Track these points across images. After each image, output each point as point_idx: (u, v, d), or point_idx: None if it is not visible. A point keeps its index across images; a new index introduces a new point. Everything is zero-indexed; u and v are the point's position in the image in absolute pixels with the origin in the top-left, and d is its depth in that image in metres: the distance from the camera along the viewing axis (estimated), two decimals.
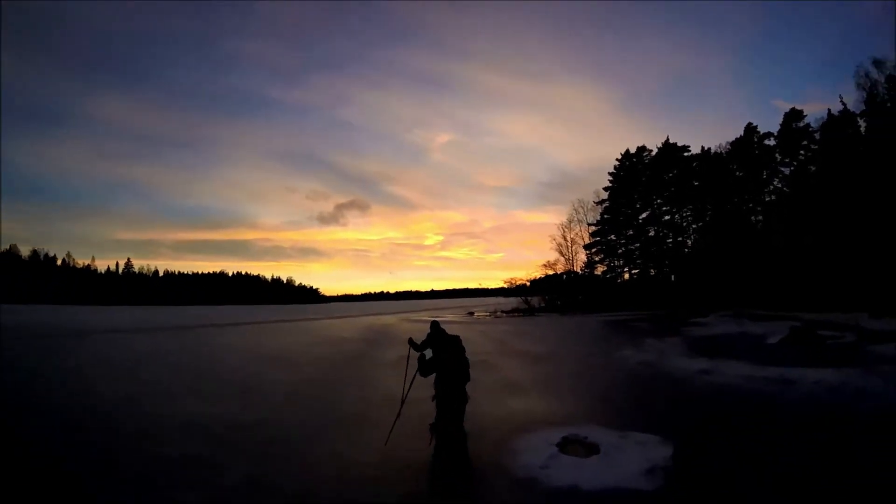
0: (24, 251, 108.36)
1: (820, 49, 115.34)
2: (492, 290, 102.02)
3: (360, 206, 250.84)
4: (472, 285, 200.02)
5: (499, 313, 48.72)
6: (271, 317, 52.03)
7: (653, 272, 49.01)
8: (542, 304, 50.94)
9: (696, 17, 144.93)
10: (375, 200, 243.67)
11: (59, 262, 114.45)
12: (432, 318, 10.28)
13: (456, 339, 6.82)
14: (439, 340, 6.81)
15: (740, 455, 5.76)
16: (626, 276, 51.43)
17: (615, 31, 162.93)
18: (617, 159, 52.92)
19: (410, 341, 6.78)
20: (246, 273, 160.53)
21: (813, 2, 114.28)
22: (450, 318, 42.26)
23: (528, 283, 54.67)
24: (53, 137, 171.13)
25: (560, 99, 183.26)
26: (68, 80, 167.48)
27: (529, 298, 52.52)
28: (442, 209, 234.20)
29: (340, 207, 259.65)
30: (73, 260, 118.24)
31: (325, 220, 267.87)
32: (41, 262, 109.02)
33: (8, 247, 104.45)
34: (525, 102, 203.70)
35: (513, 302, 56.10)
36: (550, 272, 52.99)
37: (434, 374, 6.25)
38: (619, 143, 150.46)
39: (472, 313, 51.99)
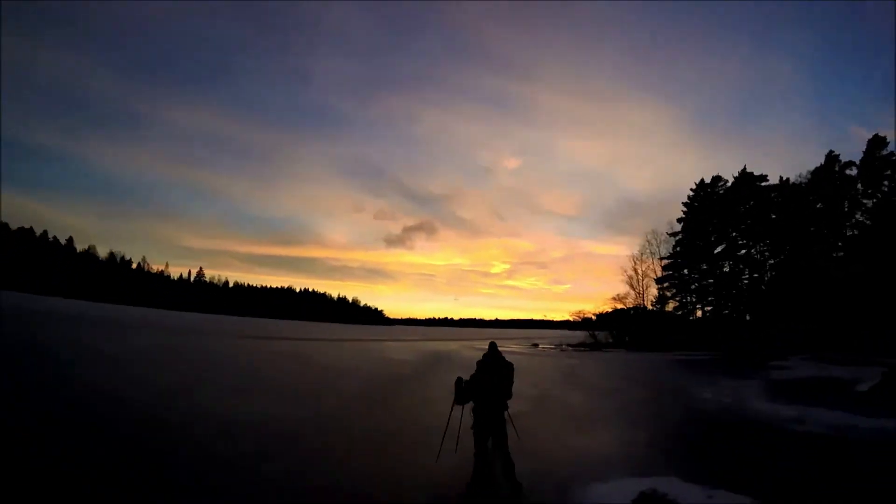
0: (102, 252, 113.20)
1: None
2: (557, 322, 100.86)
3: (427, 230, 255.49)
4: (538, 316, 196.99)
5: (564, 346, 48.39)
6: (336, 335, 53.47)
7: (727, 310, 46.98)
8: (610, 340, 50.00)
9: (769, 38, 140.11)
10: (443, 224, 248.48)
11: (133, 266, 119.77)
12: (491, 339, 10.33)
13: (509, 366, 7.05)
14: (492, 362, 6.95)
15: None
16: (699, 313, 49.62)
17: (686, 52, 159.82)
18: (691, 189, 51.60)
19: (458, 382, 6.27)
20: (313, 290, 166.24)
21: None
22: (513, 348, 42.12)
23: (593, 317, 53.90)
24: (133, 140, 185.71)
25: (629, 122, 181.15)
26: (150, 86, 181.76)
27: (596, 333, 51.67)
28: (509, 236, 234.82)
29: (408, 230, 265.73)
30: (148, 265, 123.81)
31: (393, 241, 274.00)
32: (117, 265, 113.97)
33: (87, 247, 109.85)
34: (594, 125, 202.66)
35: (579, 336, 55.40)
36: (619, 306, 51.87)
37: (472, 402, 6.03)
38: (691, 170, 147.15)
39: (536, 345, 51.76)
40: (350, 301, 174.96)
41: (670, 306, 51.32)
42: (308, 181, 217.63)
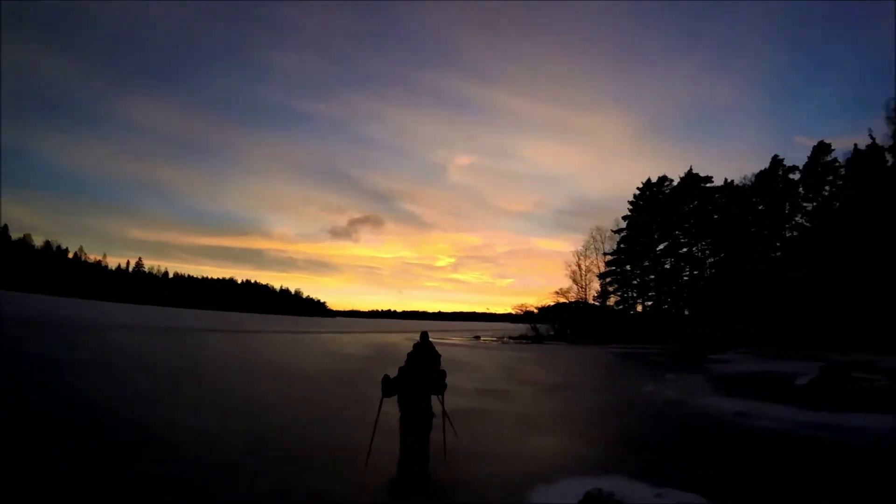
0: (38, 241, 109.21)
1: (844, 85, 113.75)
2: (500, 315, 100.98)
3: (374, 223, 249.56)
4: (481, 309, 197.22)
5: (506, 339, 47.58)
6: (276, 327, 51.75)
7: (666, 305, 47.58)
8: (551, 333, 49.57)
9: (721, 46, 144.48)
10: (390, 218, 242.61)
11: (70, 255, 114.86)
12: (422, 330, 9.70)
13: (436, 356, 7.53)
14: (422, 353, 7.06)
15: None
16: (640, 307, 50.06)
17: (641, 58, 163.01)
18: (638, 188, 52.01)
19: (385, 379, 5.83)
20: (255, 282, 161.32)
21: (839, 36, 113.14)
22: (455, 341, 41.32)
23: (535, 311, 53.54)
24: (81, 134, 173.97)
25: (584, 125, 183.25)
26: (98, 80, 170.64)
27: (538, 326, 51.25)
28: (457, 231, 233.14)
29: (354, 223, 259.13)
30: (85, 254, 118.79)
31: (338, 234, 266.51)
32: (53, 254, 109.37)
33: (22, 235, 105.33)
34: (548, 128, 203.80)
35: (521, 329, 54.84)
36: (562, 300, 51.71)
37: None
38: (642, 173, 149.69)
39: (478, 337, 50.89)
40: (293, 293, 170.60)
41: (612, 301, 51.58)
42: (258, 175, 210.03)
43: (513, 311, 56.87)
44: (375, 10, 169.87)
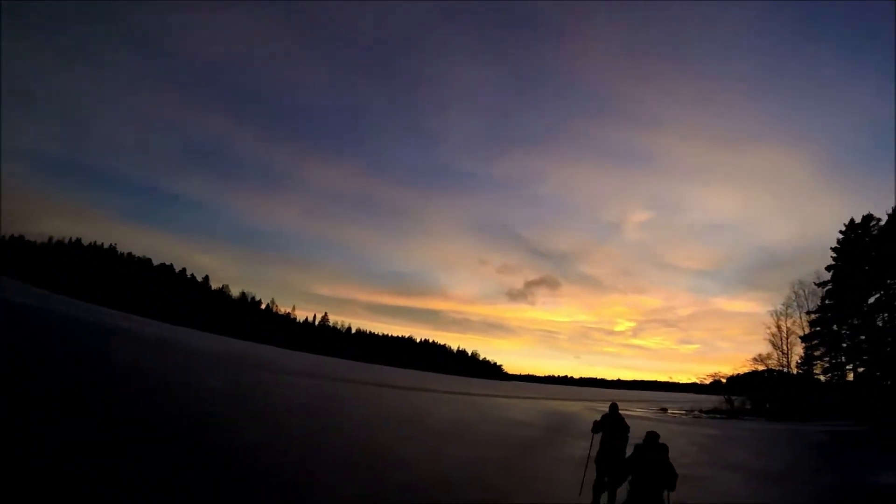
0: (235, 292, 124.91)
1: None
2: (684, 384, 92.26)
3: (550, 284, 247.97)
4: (663, 378, 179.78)
5: (697, 412, 43.98)
6: (455, 388, 53.24)
7: (880, 372, 38.85)
8: (747, 406, 44.29)
9: None
10: (566, 279, 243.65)
11: (262, 306, 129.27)
12: (612, 401, 9.92)
13: (626, 428, 8.21)
14: (610, 424, 8.14)
15: None
16: (851, 375, 41.82)
17: (813, 88, 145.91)
18: (840, 231, 44.86)
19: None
20: (433, 341, 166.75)
21: None
22: (640, 412, 39.69)
23: (723, 381, 48.42)
24: (272, 195, 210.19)
25: (760, 167, 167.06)
26: (288, 145, 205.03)
27: (733, 398, 46.12)
28: (635, 292, 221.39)
29: (530, 284, 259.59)
30: (276, 306, 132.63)
31: (515, 296, 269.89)
32: (248, 304, 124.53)
33: (221, 286, 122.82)
34: (724, 173, 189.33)
35: (712, 400, 50.01)
36: (760, 367, 45.61)
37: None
38: (833, 214, 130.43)
39: (665, 409, 48.03)
40: (469, 354, 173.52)
41: (818, 368, 44.16)
42: (434, 236, 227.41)
43: (698, 381, 52.22)
44: (534, 69, 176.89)
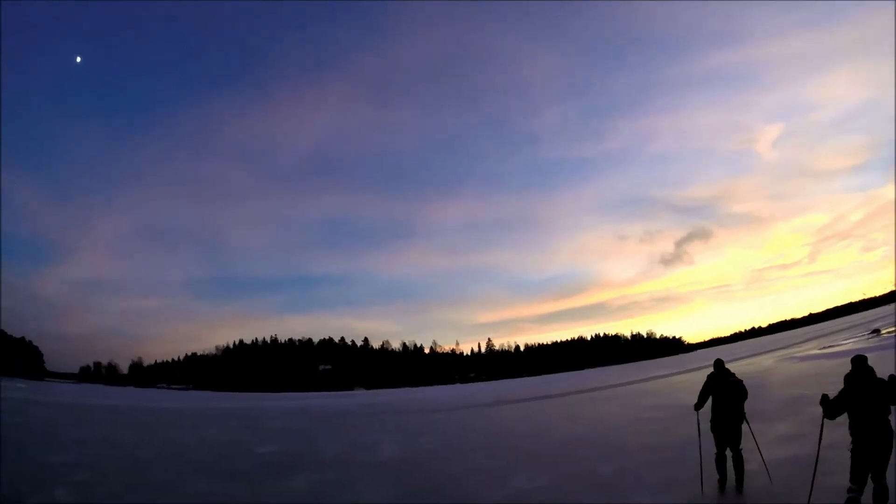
0: (395, 344, 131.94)
1: None
2: (880, 298, 79.96)
3: (702, 236, 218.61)
4: (856, 297, 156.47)
5: None
6: (626, 377, 48.19)
7: None
8: None
9: None
10: (718, 225, 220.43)
11: (426, 350, 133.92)
12: (717, 358, 8.05)
13: (736, 384, 7.21)
14: (721, 382, 7.27)
15: None
16: None
17: None
18: None
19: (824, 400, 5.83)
20: (604, 334, 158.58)
21: None
22: (848, 345, 34.31)
23: None
24: (400, 247, 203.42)
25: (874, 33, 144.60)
26: (410, 197, 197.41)
27: None
28: (796, 214, 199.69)
29: (681, 242, 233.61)
30: (438, 346, 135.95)
31: (670, 261, 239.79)
32: (410, 352, 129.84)
33: (381, 343, 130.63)
34: (837, 53, 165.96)
35: None
36: None
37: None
38: None
39: (877, 331, 40.87)
40: (645, 336, 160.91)
41: None
42: (567, 231, 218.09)
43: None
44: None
